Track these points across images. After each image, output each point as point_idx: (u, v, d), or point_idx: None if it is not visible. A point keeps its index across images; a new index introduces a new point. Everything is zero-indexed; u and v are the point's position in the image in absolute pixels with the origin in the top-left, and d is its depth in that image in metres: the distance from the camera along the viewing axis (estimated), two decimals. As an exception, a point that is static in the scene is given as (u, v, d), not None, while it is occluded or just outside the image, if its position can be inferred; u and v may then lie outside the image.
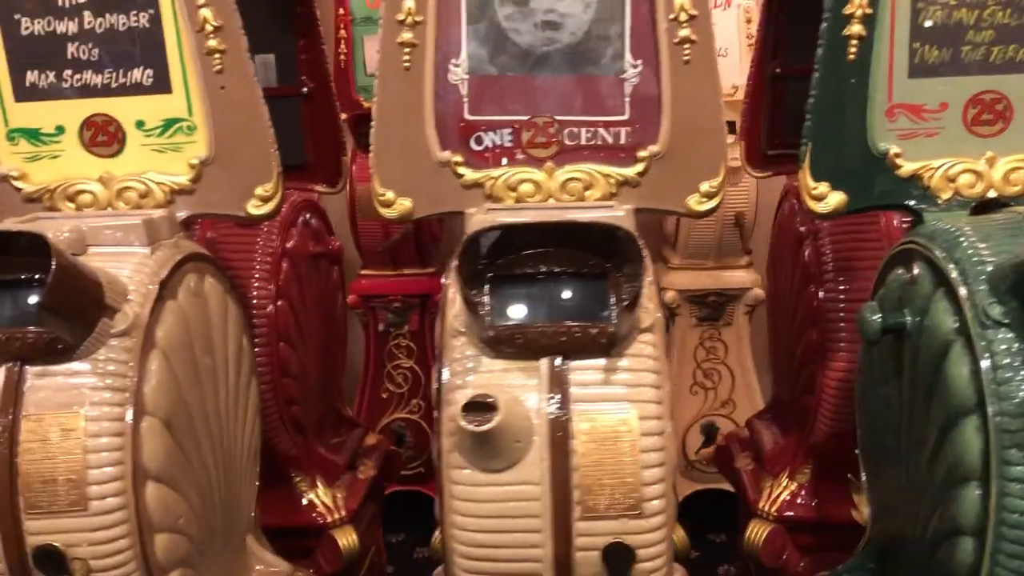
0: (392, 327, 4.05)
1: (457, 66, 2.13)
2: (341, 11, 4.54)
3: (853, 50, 2.04)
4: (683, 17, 2.06)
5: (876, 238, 2.60)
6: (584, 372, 1.71)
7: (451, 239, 3.84)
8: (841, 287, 2.61)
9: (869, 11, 2.01)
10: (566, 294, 1.76)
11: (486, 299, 1.74)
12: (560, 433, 1.66)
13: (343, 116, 4.59)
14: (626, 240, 1.64)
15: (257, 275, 2.70)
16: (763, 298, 3.86)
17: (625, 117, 2.14)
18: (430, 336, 3.93)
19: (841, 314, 2.60)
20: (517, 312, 1.74)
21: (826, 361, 2.63)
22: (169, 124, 2.16)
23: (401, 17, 2.06)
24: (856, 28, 2.03)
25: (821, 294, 2.65)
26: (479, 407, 1.60)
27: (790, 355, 2.91)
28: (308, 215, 2.94)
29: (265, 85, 2.23)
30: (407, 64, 2.09)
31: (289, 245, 2.79)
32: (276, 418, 2.72)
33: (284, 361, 2.74)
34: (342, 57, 4.43)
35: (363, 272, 4.06)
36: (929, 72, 2.08)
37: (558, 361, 1.70)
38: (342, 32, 4.49)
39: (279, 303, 2.73)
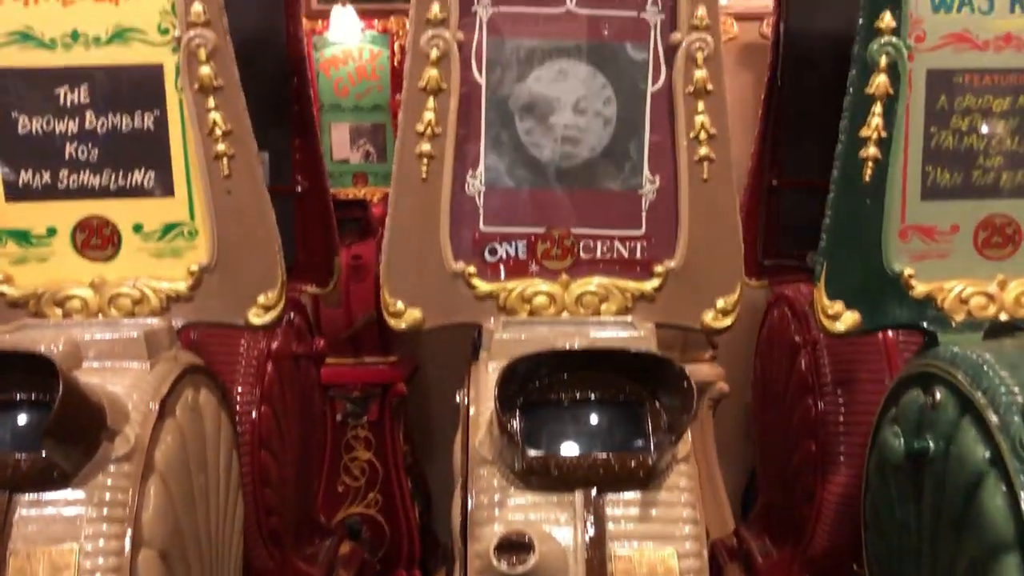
0: (351, 417, 3.90)
1: (475, 178, 2.09)
2: None
3: (868, 172, 2.06)
4: (703, 136, 2.06)
5: (875, 351, 2.60)
6: (620, 506, 1.63)
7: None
8: (841, 399, 2.60)
9: (884, 134, 2.04)
10: (602, 422, 1.70)
11: (517, 426, 1.66)
12: (597, 573, 1.57)
13: None
14: (676, 373, 1.59)
15: (242, 379, 2.58)
16: (727, 392, 3.87)
17: (642, 232, 2.11)
18: (390, 427, 3.81)
19: (841, 427, 2.58)
20: (551, 441, 1.67)
21: (826, 473, 2.59)
22: (169, 228, 2.06)
23: (421, 129, 2.02)
24: (872, 151, 2.05)
25: (820, 405, 2.63)
26: (513, 546, 1.51)
27: (784, 464, 2.87)
28: (292, 314, 2.84)
29: None
30: (424, 175, 2.04)
31: (274, 346, 2.68)
32: (255, 530, 2.57)
33: (264, 470, 2.61)
34: None
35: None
36: (941, 195, 2.11)
37: (593, 494, 1.63)
38: None
39: (262, 408, 2.60)
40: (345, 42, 4.00)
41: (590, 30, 2.07)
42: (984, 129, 2.08)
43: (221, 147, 2.02)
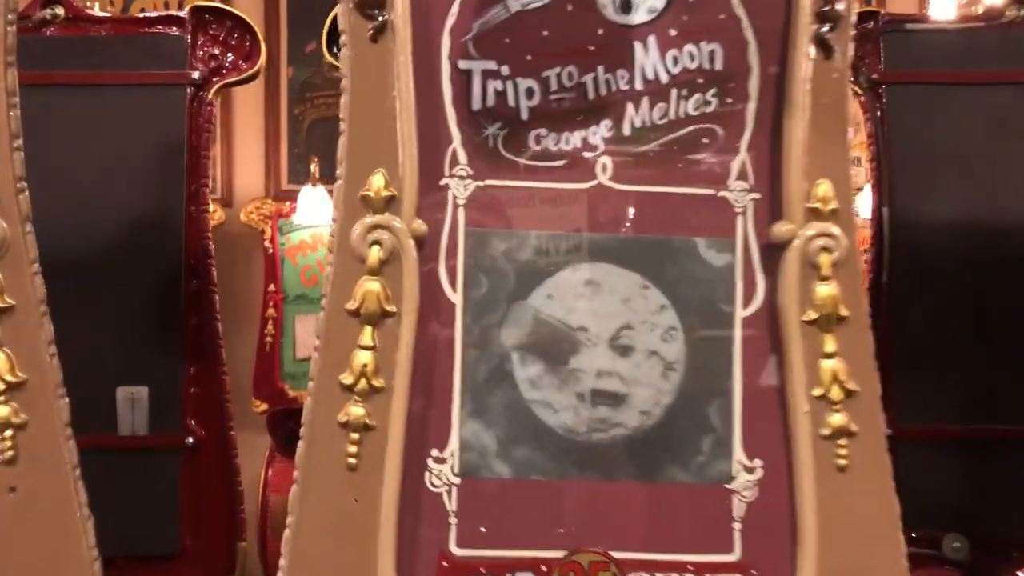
0: None
1: (442, 463, 1.21)
2: (271, 287, 3.98)
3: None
4: (836, 394, 1.20)
5: None
6: None
7: None
8: None
9: None
10: None
11: None
12: None
13: (261, 407, 3.80)
14: None
15: None
16: None
17: (735, 557, 1.21)
18: None
19: None
20: None
21: None
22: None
23: (349, 380, 1.16)
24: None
25: None
26: None
27: None
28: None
29: (130, 432, 1.76)
30: (352, 460, 1.16)
31: None
32: None
33: None
34: (268, 339, 3.90)
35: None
36: None
37: None
38: (271, 311, 3.96)
39: None
40: (315, 225, 3.64)
41: (637, 218, 1.25)
42: None
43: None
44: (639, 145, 1.25)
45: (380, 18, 1.17)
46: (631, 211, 1.25)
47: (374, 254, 1.17)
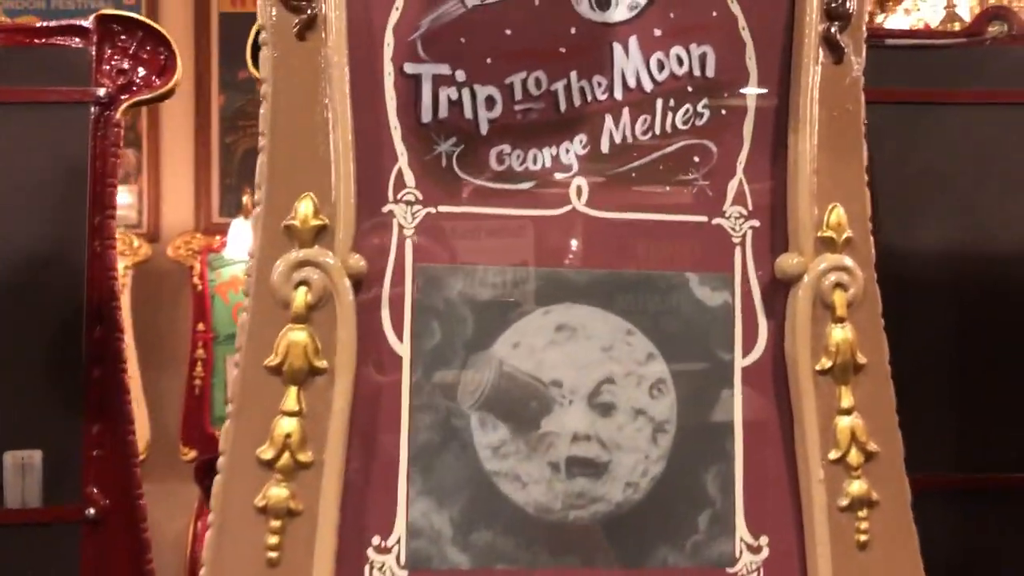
0: None
1: (385, 552, 0.98)
2: (200, 326, 3.81)
3: None
4: (854, 458, 1.01)
5: None
6: None
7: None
8: None
9: None
10: None
11: None
12: None
13: (189, 455, 3.62)
14: None
15: None
16: None
17: (739, 655, 1.01)
18: None
19: None
20: None
21: None
22: None
23: (269, 455, 0.94)
24: None
25: None
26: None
27: None
28: None
29: (20, 504, 1.54)
30: (272, 554, 0.94)
31: None
32: None
33: None
34: (197, 382, 3.75)
35: None
36: None
37: None
38: (200, 352, 3.80)
39: None
40: (248, 260, 3.25)
41: (618, 250, 1.05)
42: None
43: None
44: (619, 165, 1.05)
45: (309, 10, 0.97)
46: (611, 242, 1.05)
47: (300, 297, 0.95)
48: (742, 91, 1.06)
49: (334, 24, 0.97)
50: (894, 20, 3.13)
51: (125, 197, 4.20)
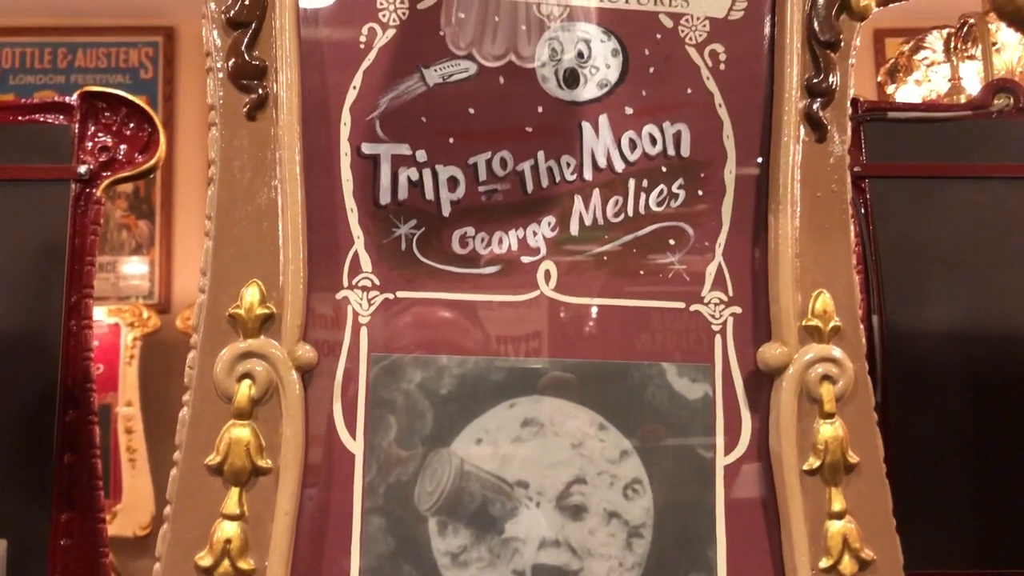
0: None
1: (333, 670, 0.90)
2: None
3: None
4: (847, 565, 0.93)
5: None
6: None
7: None
8: None
9: None
10: None
11: None
12: None
13: None
14: None
15: None
16: None
17: None
18: None
19: None
20: None
21: None
22: None
23: (207, 561, 0.87)
24: None
25: None
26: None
27: None
28: None
29: None
30: (209, 672, 0.86)
31: None
32: None
33: None
34: None
35: None
36: None
37: None
38: None
39: None
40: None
41: (589, 338, 0.99)
42: None
43: None
44: (590, 248, 0.99)
45: (260, 90, 0.93)
46: (582, 330, 0.98)
47: (244, 391, 0.89)
48: (720, 171, 1.00)
49: (285, 103, 0.92)
50: (905, 91, 3.08)
51: (138, 267, 4.21)
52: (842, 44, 1.00)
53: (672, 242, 1.00)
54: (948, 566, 1.67)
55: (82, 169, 1.64)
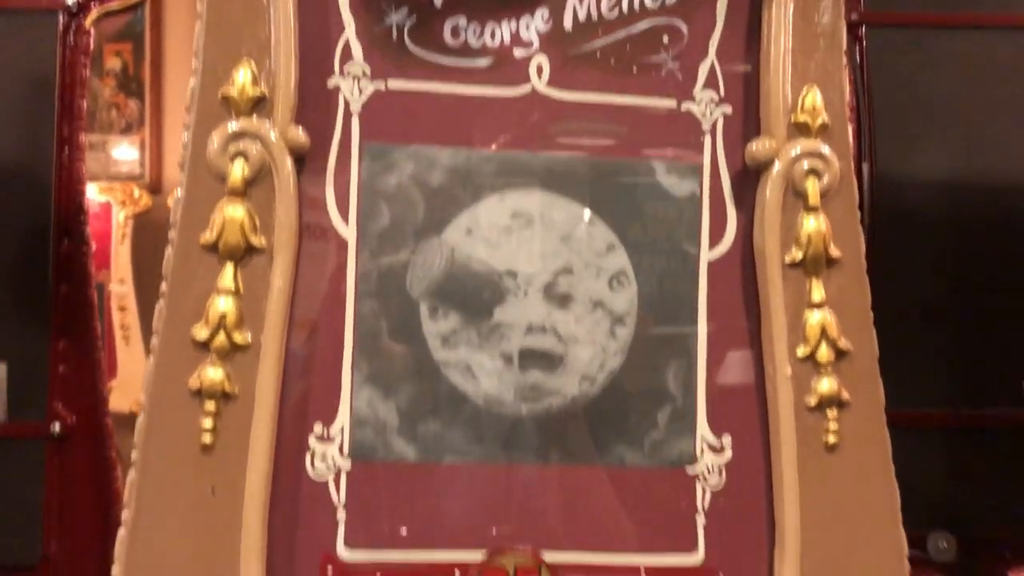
0: None
1: (327, 440, 0.94)
2: None
3: None
4: (824, 355, 0.96)
5: None
6: None
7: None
8: None
9: None
10: None
11: None
12: None
13: None
14: None
15: None
16: None
17: (698, 558, 0.97)
18: None
19: None
20: None
21: None
22: None
23: (203, 335, 0.89)
24: None
25: None
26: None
27: None
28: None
29: None
30: (207, 437, 0.90)
31: None
32: None
33: None
34: None
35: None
36: None
37: None
38: None
39: None
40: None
41: (580, 134, 1.00)
42: None
43: None
44: (583, 43, 0.99)
45: None
46: (573, 125, 0.99)
47: (237, 170, 0.90)
48: (715, -35, 1.00)
49: None
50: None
51: (127, 148, 4.17)
52: None
53: (665, 39, 1.00)
54: (927, 406, 1.72)
55: (70, 0, 1.62)
